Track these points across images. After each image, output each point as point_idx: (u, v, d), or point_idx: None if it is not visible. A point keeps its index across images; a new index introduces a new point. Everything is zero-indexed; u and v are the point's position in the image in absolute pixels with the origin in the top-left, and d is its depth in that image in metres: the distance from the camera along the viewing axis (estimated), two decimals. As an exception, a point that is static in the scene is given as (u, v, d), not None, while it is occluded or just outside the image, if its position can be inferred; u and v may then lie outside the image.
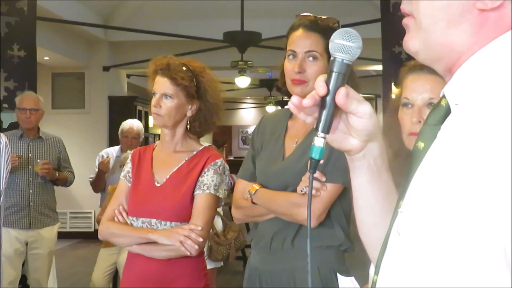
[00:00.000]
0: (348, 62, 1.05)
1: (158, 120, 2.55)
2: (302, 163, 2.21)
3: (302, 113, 1.08)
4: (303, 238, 2.24)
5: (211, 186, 2.51)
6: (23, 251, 4.98)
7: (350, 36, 1.06)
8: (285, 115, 2.46)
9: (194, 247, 2.42)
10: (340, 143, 1.10)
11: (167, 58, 2.59)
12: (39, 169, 4.89)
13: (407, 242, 0.85)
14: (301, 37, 2.28)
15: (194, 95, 2.57)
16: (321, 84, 1.04)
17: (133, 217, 2.55)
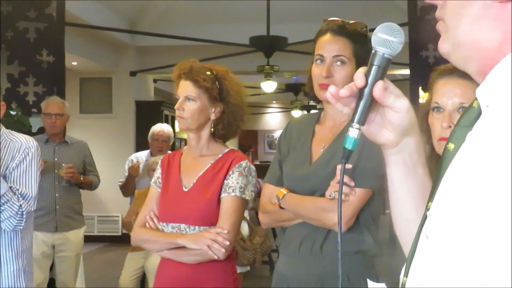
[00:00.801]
0: (389, 56, 1.06)
1: (182, 123, 2.57)
2: (329, 168, 2.20)
3: (339, 103, 1.09)
4: (332, 242, 2.23)
5: (236, 188, 2.51)
6: (50, 254, 5.03)
7: (393, 30, 1.07)
8: (312, 120, 2.45)
9: (221, 251, 2.42)
10: (375, 136, 1.11)
11: (190, 61, 2.62)
12: (63, 173, 4.94)
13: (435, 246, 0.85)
14: (329, 41, 2.27)
15: (217, 98, 2.57)
16: (360, 76, 1.06)
17: (164, 222, 2.57)
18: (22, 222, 2.78)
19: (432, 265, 0.85)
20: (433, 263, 0.84)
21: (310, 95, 2.38)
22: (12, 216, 2.74)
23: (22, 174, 2.80)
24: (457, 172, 0.86)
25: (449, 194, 0.85)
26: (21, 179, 2.80)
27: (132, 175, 5.39)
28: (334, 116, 2.34)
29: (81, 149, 5.24)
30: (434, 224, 0.87)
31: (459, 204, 0.81)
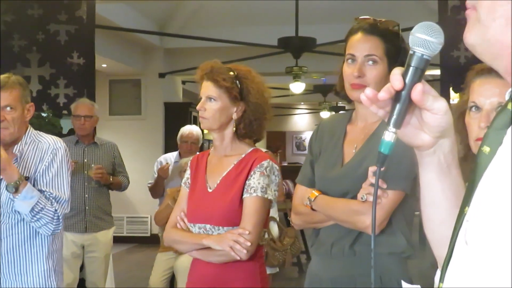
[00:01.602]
0: (427, 57, 1.03)
1: (204, 123, 2.59)
2: (362, 169, 2.18)
3: (374, 105, 1.06)
4: (364, 244, 2.22)
5: (258, 189, 2.50)
6: (80, 254, 5.07)
7: (433, 30, 1.03)
8: (343, 120, 2.43)
9: (242, 252, 2.44)
10: (410, 139, 1.08)
11: (211, 62, 2.64)
12: (92, 174, 4.98)
13: (475, 253, 0.82)
14: (360, 40, 2.25)
15: (238, 97, 2.58)
16: (397, 78, 1.02)
17: (191, 223, 2.60)
18: (60, 226, 2.81)
19: (472, 272, 0.83)
20: (473, 270, 0.82)
21: (341, 95, 2.35)
22: (49, 222, 2.76)
23: (54, 177, 2.82)
24: (496, 177, 0.83)
25: (490, 200, 0.82)
26: (53, 183, 2.81)
27: (161, 177, 5.40)
28: (366, 116, 2.32)
29: (110, 150, 5.28)
30: (474, 230, 0.84)
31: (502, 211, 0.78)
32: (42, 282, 2.80)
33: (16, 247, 2.79)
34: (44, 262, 2.82)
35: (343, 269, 2.26)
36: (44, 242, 2.82)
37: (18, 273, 2.79)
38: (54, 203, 2.78)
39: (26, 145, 2.86)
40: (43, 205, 2.74)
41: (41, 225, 2.77)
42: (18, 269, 2.79)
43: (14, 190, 2.68)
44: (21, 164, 2.82)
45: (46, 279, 2.81)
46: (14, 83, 2.88)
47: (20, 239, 2.79)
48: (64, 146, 2.90)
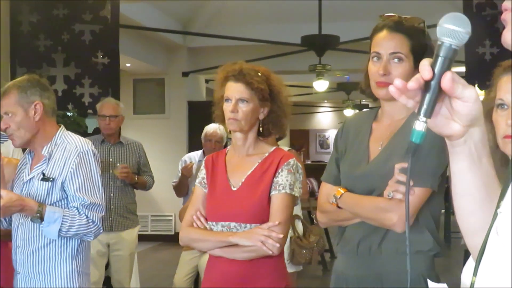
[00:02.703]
0: (456, 47, 1.04)
1: (235, 125, 2.59)
2: (388, 166, 2.16)
3: (403, 96, 1.07)
4: (390, 242, 2.20)
5: (286, 186, 2.54)
6: (105, 253, 5.10)
7: (460, 20, 1.05)
8: (369, 117, 2.41)
9: (275, 246, 2.45)
10: (441, 128, 1.09)
11: (239, 63, 2.64)
12: (118, 173, 5.00)
13: (505, 242, 0.82)
14: (386, 38, 2.23)
15: (267, 98, 2.61)
16: (426, 68, 1.04)
17: (213, 221, 2.60)
18: (100, 229, 2.80)
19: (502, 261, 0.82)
20: (503, 259, 0.82)
21: (367, 93, 2.34)
22: (87, 230, 2.76)
23: (84, 182, 2.79)
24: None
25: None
26: (84, 188, 2.79)
27: (185, 176, 5.41)
28: (392, 113, 2.30)
29: (135, 150, 5.30)
30: (504, 221, 0.84)
31: None
32: (64, 283, 2.80)
33: (42, 248, 2.79)
34: (68, 263, 2.81)
35: (370, 268, 2.24)
36: (69, 244, 2.81)
37: (42, 273, 2.80)
38: (83, 211, 2.75)
39: (56, 146, 2.84)
40: (70, 223, 2.72)
41: (81, 237, 2.79)
42: (42, 269, 2.80)
43: (40, 220, 2.69)
44: (49, 165, 2.81)
45: (69, 280, 2.81)
46: (9, 88, 2.86)
47: (45, 241, 2.79)
48: (92, 150, 2.87)
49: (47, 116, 2.89)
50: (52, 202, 2.76)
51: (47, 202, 2.76)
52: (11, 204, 2.63)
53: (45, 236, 2.77)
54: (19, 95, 2.83)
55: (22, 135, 2.84)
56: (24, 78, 2.92)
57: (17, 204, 2.66)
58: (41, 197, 2.77)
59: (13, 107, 2.83)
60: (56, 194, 2.78)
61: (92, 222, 2.77)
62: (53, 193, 2.78)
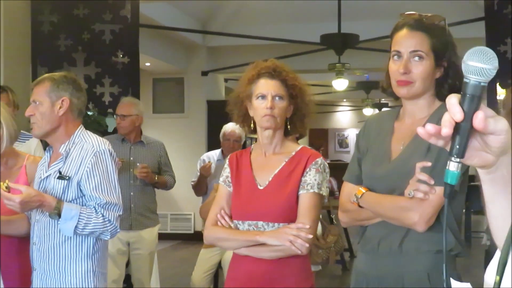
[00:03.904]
0: (484, 84, 1.01)
1: (272, 122, 2.57)
2: (409, 166, 2.15)
3: (432, 137, 1.04)
4: (411, 241, 2.19)
5: (314, 185, 2.53)
6: (126, 251, 5.12)
7: (487, 57, 1.01)
8: (390, 116, 2.40)
9: (304, 246, 2.44)
10: (472, 161, 1.06)
11: (270, 61, 2.65)
12: (137, 172, 5.00)
13: None
14: (406, 36, 2.22)
15: (296, 96, 2.61)
16: (457, 110, 1.00)
17: (239, 220, 2.59)
18: (117, 228, 2.80)
19: None
20: None
21: (388, 92, 2.33)
22: (103, 229, 2.76)
23: (101, 182, 2.79)
24: None
25: None
26: (101, 188, 2.79)
27: (204, 175, 5.41)
28: (414, 112, 2.30)
29: (156, 149, 5.30)
30: None
31: None
32: (79, 282, 2.80)
33: (57, 246, 2.80)
34: (83, 262, 2.81)
35: (390, 267, 2.23)
36: (85, 243, 2.82)
37: (58, 271, 2.80)
38: (100, 210, 2.76)
39: (74, 145, 2.85)
40: (86, 220, 2.72)
41: (97, 235, 2.80)
42: (57, 266, 2.81)
43: (58, 216, 2.70)
44: (66, 163, 2.82)
45: (84, 280, 2.80)
46: (44, 78, 2.92)
47: (61, 238, 2.80)
48: (109, 149, 2.87)
49: (72, 115, 2.91)
50: (68, 201, 2.77)
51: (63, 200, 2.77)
52: (30, 199, 2.65)
53: (61, 234, 2.79)
54: (50, 87, 2.86)
55: (43, 125, 2.86)
56: (62, 74, 2.97)
57: (36, 200, 2.68)
58: (57, 195, 2.78)
59: (42, 96, 2.86)
60: (72, 192, 2.79)
61: (109, 221, 2.77)
62: (69, 191, 2.79)
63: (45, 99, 2.86)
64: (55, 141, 2.91)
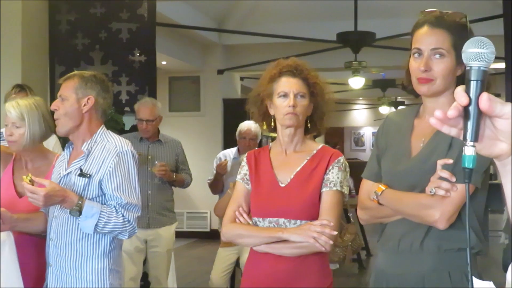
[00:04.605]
0: (484, 68, 1.09)
1: (294, 120, 2.58)
2: (430, 163, 2.14)
3: (445, 126, 1.09)
4: (432, 239, 2.17)
5: (337, 183, 2.55)
6: (143, 249, 5.14)
7: (482, 43, 1.11)
8: (410, 113, 2.39)
9: (328, 242, 2.45)
10: (488, 150, 1.10)
11: (291, 59, 2.66)
12: (156, 170, 5.02)
13: None
14: (426, 34, 2.20)
15: (317, 94, 2.62)
16: (462, 94, 1.07)
17: (259, 217, 2.59)
18: (135, 229, 2.82)
19: None
20: None
21: (409, 89, 2.32)
22: (122, 229, 2.78)
23: (122, 182, 2.80)
24: None
25: None
26: (122, 188, 2.80)
27: (220, 173, 5.42)
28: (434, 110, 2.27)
29: (174, 148, 5.31)
30: None
31: None
32: (95, 279, 2.81)
33: (74, 242, 2.81)
34: (100, 260, 2.82)
35: (411, 266, 2.22)
36: (102, 241, 2.83)
37: (73, 268, 2.82)
38: (120, 210, 2.77)
39: (96, 144, 2.86)
40: (107, 219, 2.74)
41: (116, 234, 2.81)
42: (73, 263, 2.82)
43: (79, 213, 2.72)
44: (87, 161, 2.83)
45: (100, 277, 2.81)
46: (74, 75, 2.94)
47: (79, 235, 2.81)
48: (131, 150, 2.88)
49: (96, 114, 2.92)
50: (88, 198, 2.78)
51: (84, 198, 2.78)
52: (54, 193, 2.66)
53: (78, 231, 2.80)
54: (78, 84, 2.89)
55: (66, 122, 2.88)
56: (92, 73, 2.99)
57: (59, 195, 2.69)
58: (78, 192, 2.79)
59: (69, 92, 2.89)
60: (92, 190, 2.80)
61: (128, 222, 2.78)
62: (89, 189, 2.80)
63: (71, 95, 2.88)
64: (76, 138, 2.93)
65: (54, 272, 2.87)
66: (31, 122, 3.01)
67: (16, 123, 3.01)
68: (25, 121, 3.00)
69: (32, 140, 3.04)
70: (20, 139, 3.02)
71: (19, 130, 3.01)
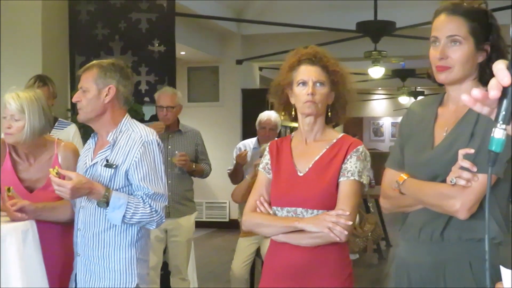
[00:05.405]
0: None
1: (313, 108, 2.56)
2: (452, 152, 2.13)
3: (478, 104, 1.04)
4: (453, 229, 2.16)
5: (355, 172, 2.51)
6: (163, 238, 5.16)
7: None
8: (434, 102, 2.37)
9: (343, 233, 2.43)
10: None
11: (311, 47, 2.64)
12: (176, 160, 5.03)
13: None
14: (443, 21, 2.21)
15: (338, 82, 2.60)
16: (505, 73, 1.00)
17: (278, 207, 2.58)
18: (162, 218, 2.82)
19: None
20: None
21: (432, 78, 2.31)
22: (150, 219, 2.78)
23: (149, 172, 2.80)
24: None
25: None
26: (149, 178, 2.80)
27: (239, 163, 5.42)
28: (457, 98, 2.26)
29: (194, 138, 5.32)
30: None
31: None
32: (122, 269, 2.83)
33: (102, 232, 2.83)
34: (127, 249, 2.83)
35: (431, 255, 2.21)
36: (129, 230, 2.84)
37: (101, 257, 2.84)
38: (147, 200, 2.77)
39: (121, 134, 2.86)
40: (134, 210, 2.74)
41: (143, 225, 2.82)
42: (101, 253, 2.84)
43: (106, 204, 2.72)
44: (113, 152, 2.83)
45: (127, 267, 2.83)
46: (92, 65, 2.92)
47: (106, 225, 2.82)
48: (157, 140, 2.87)
49: (118, 103, 2.91)
50: (115, 189, 2.79)
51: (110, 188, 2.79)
52: (81, 186, 2.68)
53: (105, 221, 2.81)
54: (98, 74, 2.88)
55: (88, 112, 2.88)
56: (110, 61, 2.97)
57: (86, 187, 2.71)
58: (104, 183, 2.80)
59: (89, 83, 2.88)
60: (119, 181, 2.80)
61: (155, 212, 2.79)
62: (116, 179, 2.80)
63: (92, 86, 2.87)
64: (100, 128, 2.93)
65: (82, 262, 2.90)
66: (31, 115, 2.97)
67: (15, 115, 2.96)
68: (25, 113, 2.96)
69: (32, 134, 2.99)
70: (17, 132, 2.97)
71: (18, 123, 2.97)
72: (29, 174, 3.10)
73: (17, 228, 2.76)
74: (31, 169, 3.10)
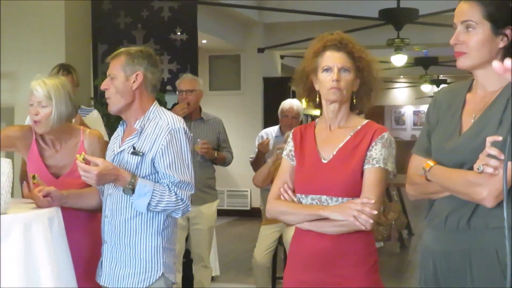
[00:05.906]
0: None
1: (338, 94, 2.54)
2: (479, 139, 2.10)
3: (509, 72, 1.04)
4: (480, 217, 2.14)
5: (380, 160, 2.48)
6: (185, 226, 5.17)
7: None
8: (463, 88, 2.35)
9: (369, 221, 2.40)
10: None
11: (336, 33, 2.61)
12: (198, 148, 5.04)
13: None
14: (460, 7, 2.22)
15: (363, 69, 2.57)
16: None
17: (302, 194, 2.56)
18: (188, 207, 2.81)
19: None
20: None
21: None
22: (175, 208, 2.78)
23: (175, 160, 2.79)
24: None
25: None
26: (175, 166, 2.79)
27: (261, 152, 5.42)
28: (485, 84, 2.24)
29: (216, 126, 5.33)
30: None
31: None
32: (149, 256, 2.83)
33: (129, 220, 2.84)
34: (154, 237, 2.84)
35: (457, 243, 2.19)
36: (155, 218, 2.84)
37: (128, 245, 2.85)
38: (173, 188, 2.77)
39: (149, 121, 2.86)
40: (159, 198, 2.74)
41: (169, 213, 2.82)
42: (128, 240, 2.85)
43: (132, 191, 2.73)
44: (140, 139, 2.83)
45: (154, 255, 2.83)
46: (120, 52, 2.92)
47: (133, 213, 2.83)
48: (184, 128, 2.87)
49: (146, 90, 2.91)
50: (141, 176, 2.79)
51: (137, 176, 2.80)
52: (107, 172, 2.70)
53: (132, 209, 2.82)
54: (126, 61, 2.88)
55: (117, 100, 2.88)
56: (138, 48, 2.97)
57: (112, 174, 2.72)
58: (131, 170, 2.80)
59: (117, 70, 2.88)
60: (145, 168, 2.80)
61: (181, 200, 2.78)
62: (143, 167, 2.81)
63: (120, 73, 2.87)
64: (129, 116, 2.93)
65: (109, 249, 2.91)
66: (58, 101, 2.99)
67: (43, 102, 2.99)
68: (52, 100, 2.98)
69: (59, 120, 3.02)
70: (45, 118, 3.00)
71: (45, 109, 2.99)
72: (55, 160, 3.12)
73: (43, 215, 2.77)
74: (57, 156, 3.12)
